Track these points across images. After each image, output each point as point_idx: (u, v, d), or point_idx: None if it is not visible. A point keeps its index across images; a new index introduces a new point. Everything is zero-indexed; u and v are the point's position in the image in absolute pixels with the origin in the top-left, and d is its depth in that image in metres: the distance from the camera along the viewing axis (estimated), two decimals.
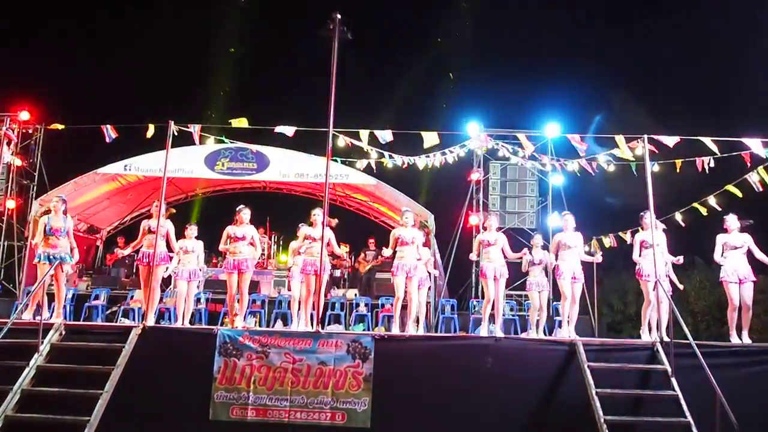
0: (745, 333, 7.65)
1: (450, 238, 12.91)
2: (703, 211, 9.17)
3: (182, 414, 6.72)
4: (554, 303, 9.52)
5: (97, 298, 11.45)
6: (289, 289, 9.52)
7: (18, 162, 13.01)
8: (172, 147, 8.28)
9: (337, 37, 7.66)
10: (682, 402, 6.29)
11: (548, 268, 8.94)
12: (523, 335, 9.88)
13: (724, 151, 7.97)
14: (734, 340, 7.60)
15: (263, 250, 13.32)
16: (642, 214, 7.97)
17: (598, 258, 8.67)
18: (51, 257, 7.67)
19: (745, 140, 7.83)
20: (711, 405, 5.94)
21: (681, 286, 8.54)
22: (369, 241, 13.59)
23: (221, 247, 8.40)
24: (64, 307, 8.24)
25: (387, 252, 8.41)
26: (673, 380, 6.51)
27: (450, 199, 14.12)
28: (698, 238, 8.30)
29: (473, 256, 8.41)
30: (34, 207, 12.86)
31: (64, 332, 7.01)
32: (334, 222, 9.29)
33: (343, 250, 9.84)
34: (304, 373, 6.79)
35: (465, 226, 12.52)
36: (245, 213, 8.38)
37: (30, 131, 13.32)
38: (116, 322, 10.71)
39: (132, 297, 11.36)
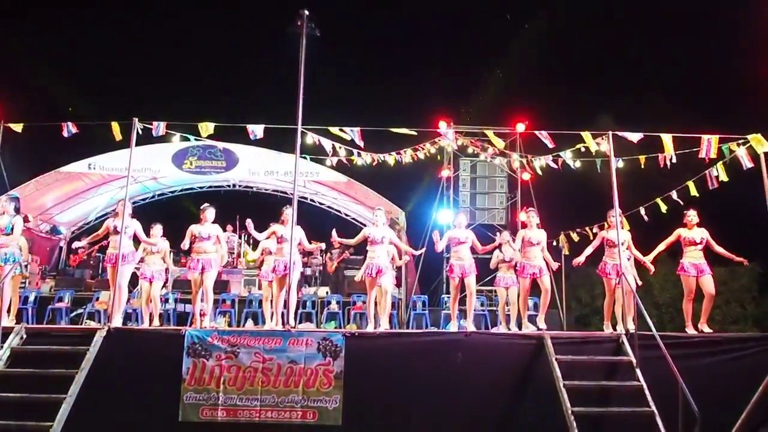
0: (704, 322, 7.86)
1: (421, 235, 12.96)
2: (663, 207, 9.35)
3: (151, 417, 6.62)
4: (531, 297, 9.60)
5: (60, 300, 11.20)
6: (260, 288, 9.47)
7: None
8: (137, 145, 8.14)
9: (305, 34, 7.61)
10: (647, 392, 6.42)
11: (517, 265, 9.05)
12: (493, 330, 9.99)
13: (686, 147, 8.13)
14: (690, 331, 7.80)
15: (231, 249, 13.21)
16: (609, 212, 8.11)
17: (554, 266, 8.76)
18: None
19: (704, 136, 7.99)
20: (674, 394, 6.08)
21: (640, 282, 8.75)
22: (332, 240, 13.52)
23: (184, 245, 8.30)
24: (26, 309, 8.03)
25: (351, 241, 8.54)
26: (638, 371, 6.64)
27: (421, 195, 14.18)
28: (661, 232, 8.47)
29: (440, 247, 8.41)
30: None
31: (25, 336, 6.84)
32: (322, 245, 9.32)
33: (314, 246, 9.85)
34: (274, 372, 6.74)
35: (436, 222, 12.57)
36: (209, 212, 8.30)
37: None
38: (81, 324, 10.49)
39: (97, 299, 11.15)
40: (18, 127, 8.32)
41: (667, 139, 7.94)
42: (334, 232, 8.38)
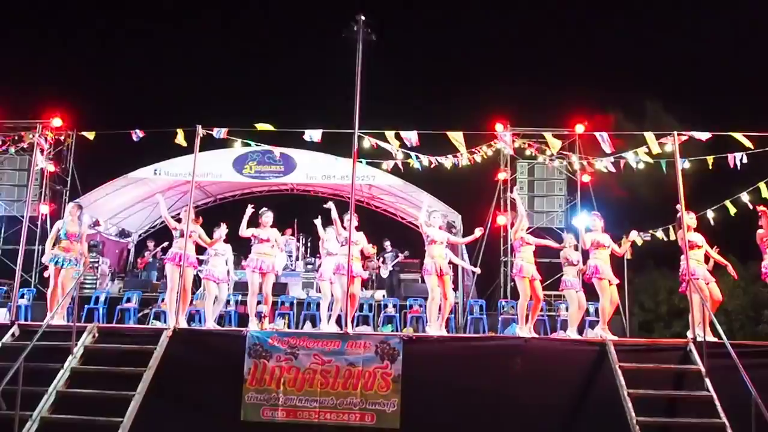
0: None
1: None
2: (732, 210, 8.95)
3: (213, 415, 6.79)
4: (588, 302, 9.38)
5: (129, 300, 11.66)
6: (318, 291, 9.60)
7: (51, 168, 13.31)
8: (200, 151, 8.40)
9: (362, 39, 7.69)
10: (717, 403, 6.16)
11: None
12: (553, 335, 9.79)
13: (758, 147, 7.77)
14: None
15: (290, 252, 13.41)
16: (679, 215, 7.79)
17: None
18: (63, 261, 7.87)
19: None
20: (746, 405, 5.80)
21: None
22: (384, 243, 13.56)
23: (244, 231, 8.43)
24: (97, 309, 8.41)
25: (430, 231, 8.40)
26: (707, 380, 6.38)
27: (477, 199, 14.03)
28: (729, 236, 8.12)
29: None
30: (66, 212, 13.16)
31: (97, 335, 7.15)
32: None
33: (371, 251, 9.94)
34: (333, 375, 6.82)
35: (492, 226, 12.42)
36: (268, 216, 8.47)
37: (62, 138, 13.60)
38: (148, 324, 10.88)
39: (163, 299, 11.51)
40: (91, 136, 8.72)
41: (738, 137, 7.61)
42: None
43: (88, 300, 11.51)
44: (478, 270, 9.91)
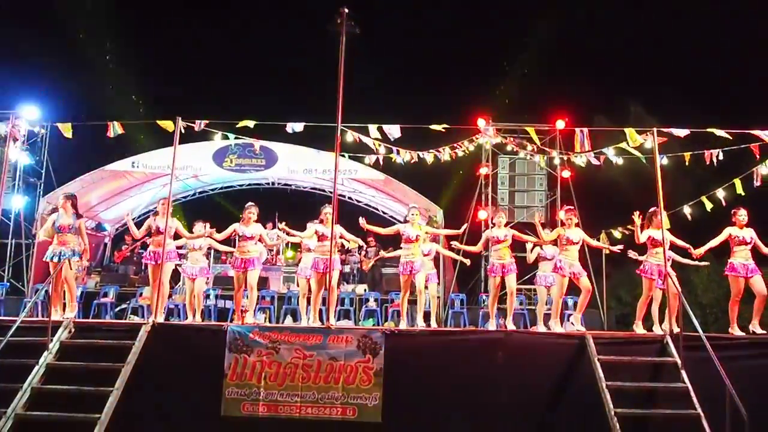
0: (756, 322, 7.65)
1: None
2: (708, 205, 9.10)
3: (193, 410, 6.74)
4: (565, 297, 9.47)
5: (106, 295, 11.49)
6: (298, 286, 9.57)
7: (25, 160, 13.04)
8: (180, 143, 8.29)
9: (345, 32, 7.64)
10: (692, 394, 6.28)
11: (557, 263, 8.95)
12: (532, 329, 9.88)
13: (734, 144, 7.91)
14: (736, 332, 7.60)
15: (272, 247, 13.32)
16: (652, 211, 7.91)
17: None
18: (60, 255, 7.71)
19: (756, 132, 7.76)
20: (721, 396, 5.92)
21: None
22: (368, 238, 13.56)
23: (221, 236, 8.42)
24: (72, 304, 8.26)
25: (382, 231, 8.59)
26: (683, 372, 6.49)
27: (459, 193, 14.08)
28: (706, 231, 8.25)
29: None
30: (41, 205, 12.94)
31: (73, 330, 7.03)
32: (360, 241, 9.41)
33: (353, 245, 9.93)
34: (314, 369, 6.80)
35: (474, 220, 12.48)
36: (253, 211, 8.38)
37: (36, 129, 13.34)
38: (126, 319, 10.75)
39: (141, 294, 11.40)
40: (67, 131, 8.57)
41: (716, 133, 7.73)
42: (362, 219, 8.35)
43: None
44: (467, 261, 9.92)
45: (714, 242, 7.89)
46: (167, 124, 8.15)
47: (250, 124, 8.52)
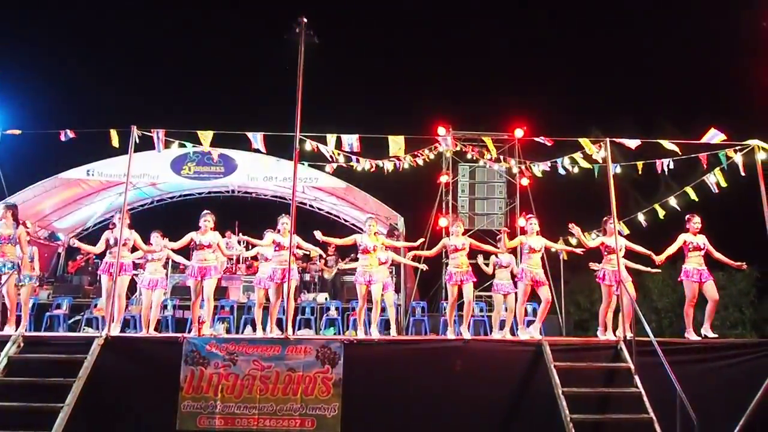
0: (709, 327, 7.87)
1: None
2: (661, 213, 9.36)
3: (148, 425, 6.61)
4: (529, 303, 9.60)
5: (59, 307, 11.18)
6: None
7: None
8: (136, 152, 8.15)
9: (303, 41, 7.62)
10: (645, 398, 6.43)
11: (514, 271, 9.08)
12: (492, 336, 9.97)
13: (683, 154, 8.14)
14: (692, 336, 7.80)
15: (231, 256, 13.16)
16: (605, 219, 8.12)
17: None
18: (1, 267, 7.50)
19: (701, 141, 7.99)
20: (673, 400, 6.07)
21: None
22: (328, 247, 13.50)
23: (177, 245, 8.35)
24: (20, 317, 8.02)
25: (338, 241, 8.60)
26: (636, 378, 6.65)
27: (419, 201, 14.15)
28: (659, 238, 8.48)
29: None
30: None
31: (22, 344, 6.81)
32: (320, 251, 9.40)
33: (314, 253, 9.87)
34: (272, 380, 6.73)
35: (435, 228, 12.55)
36: (209, 220, 8.23)
37: None
38: (80, 331, 10.47)
39: (96, 305, 11.11)
40: (16, 132, 8.33)
41: (666, 144, 7.95)
42: (317, 233, 8.31)
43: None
44: (424, 267, 9.91)
45: (672, 249, 8.09)
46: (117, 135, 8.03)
47: (209, 134, 8.41)
